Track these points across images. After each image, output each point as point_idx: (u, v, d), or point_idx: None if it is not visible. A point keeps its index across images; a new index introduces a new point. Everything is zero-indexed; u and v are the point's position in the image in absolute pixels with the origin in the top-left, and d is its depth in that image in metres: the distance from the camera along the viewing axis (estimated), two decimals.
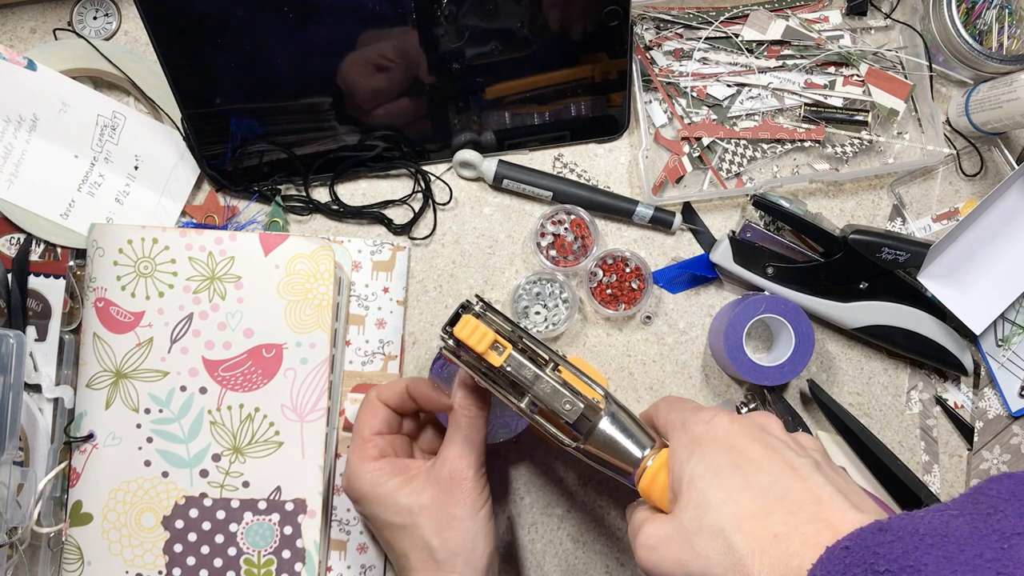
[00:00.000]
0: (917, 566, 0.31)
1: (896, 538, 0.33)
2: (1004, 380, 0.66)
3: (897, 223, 0.69)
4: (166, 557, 0.59)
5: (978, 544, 0.32)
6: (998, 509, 0.34)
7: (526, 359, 0.47)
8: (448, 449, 0.52)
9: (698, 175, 0.68)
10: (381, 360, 0.64)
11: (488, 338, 0.47)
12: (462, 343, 0.47)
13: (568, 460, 0.65)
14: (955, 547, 0.32)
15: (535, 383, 0.47)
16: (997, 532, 0.32)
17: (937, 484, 0.67)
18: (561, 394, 0.47)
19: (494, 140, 0.66)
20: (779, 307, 0.62)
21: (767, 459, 0.41)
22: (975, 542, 0.32)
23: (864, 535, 0.34)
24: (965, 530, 0.33)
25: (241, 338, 0.60)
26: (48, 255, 0.63)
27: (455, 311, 0.48)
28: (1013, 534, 0.32)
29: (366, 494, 0.53)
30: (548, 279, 0.65)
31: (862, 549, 0.33)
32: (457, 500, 0.51)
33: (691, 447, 0.44)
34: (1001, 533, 0.32)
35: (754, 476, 0.40)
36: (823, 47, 0.68)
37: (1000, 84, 0.65)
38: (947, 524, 0.33)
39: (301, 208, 0.66)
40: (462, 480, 0.51)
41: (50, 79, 0.63)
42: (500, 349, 0.47)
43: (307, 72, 0.60)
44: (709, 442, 0.44)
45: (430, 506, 0.51)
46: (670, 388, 0.67)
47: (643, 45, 0.68)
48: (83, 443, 0.59)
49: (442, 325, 0.48)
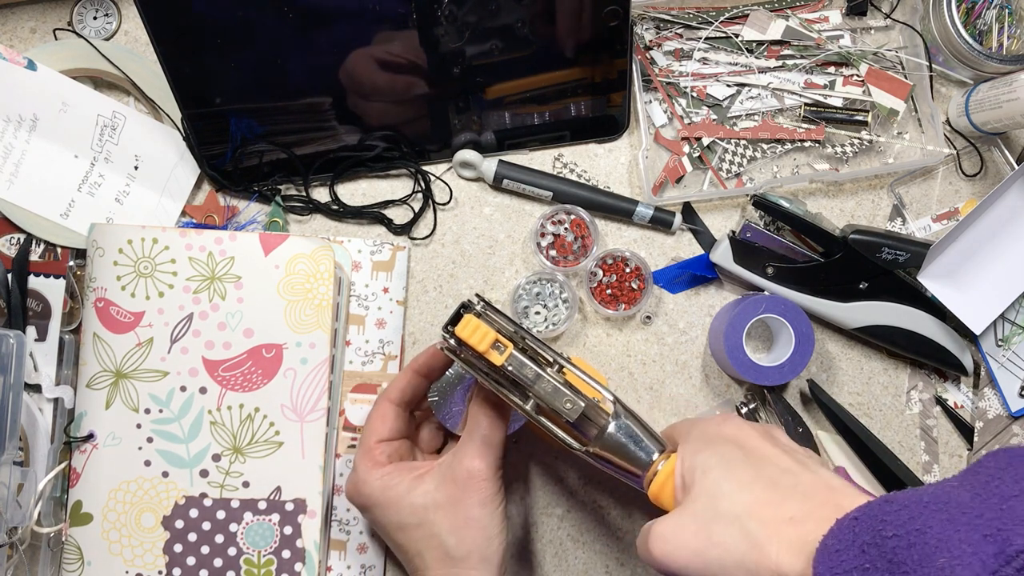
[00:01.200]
0: (923, 529, 0.33)
1: (902, 507, 0.35)
2: (1004, 380, 0.66)
3: (897, 223, 0.69)
4: (166, 557, 0.59)
5: (979, 507, 0.34)
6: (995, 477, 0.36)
7: (527, 358, 0.47)
8: (466, 448, 0.51)
9: (698, 175, 0.68)
10: (381, 360, 0.64)
11: (489, 337, 0.46)
12: (463, 342, 0.47)
13: (568, 460, 0.65)
14: (957, 511, 0.34)
15: (536, 382, 0.47)
16: (996, 495, 0.34)
17: None
18: (562, 393, 0.46)
19: (494, 140, 0.66)
20: (779, 307, 0.62)
21: (776, 455, 0.43)
22: (976, 505, 0.34)
23: (872, 507, 0.36)
24: (966, 496, 0.35)
25: (241, 338, 0.60)
26: (48, 255, 0.63)
27: (456, 310, 0.48)
28: (1010, 496, 0.34)
29: (377, 499, 0.52)
30: (548, 279, 0.65)
31: (870, 519, 0.35)
32: (474, 499, 0.50)
33: (702, 442, 0.45)
34: (1000, 496, 0.34)
35: (764, 469, 0.42)
36: (823, 47, 0.68)
37: (1000, 84, 0.65)
38: (949, 493, 0.35)
39: (301, 208, 0.66)
40: (480, 480, 0.50)
41: (50, 79, 0.63)
42: (501, 348, 0.47)
43: (307, 72, 0.60)
44: (720, 438, 0.45)
45: (445, 504, 0.50)
46: (670, 388, 0.67)
47: (643, 45, 0.68)
48: (83, 443, 0.59)
49: (443, 324, 0.48)
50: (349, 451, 0.63)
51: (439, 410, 0.57)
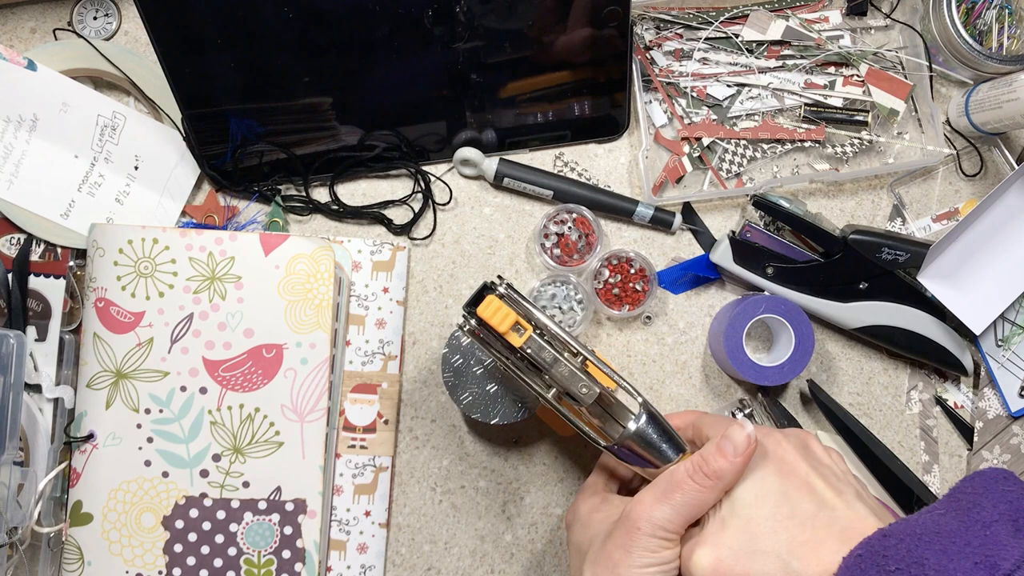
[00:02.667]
0: (921, 560, 0.37)
1: (899, 540, 0.38)
2: (1004, 380, 0.66)
3: (897, 223, 0.69)
4: (166, 557, 0.59)
5: (966, 534, 0.37)
6: (976, 504, 0.39)
7: (545, 342, 0.47)
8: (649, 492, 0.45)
9: (698, 175, 0.68)
10: (381, 360, 0.64)
11: (510, 319, 0.47)
12: (484, 322, 0.47)
13: (568, 460, 0.65)
14: (948, 540, 0.37)
15: (553, 366, 0.47)
16: (979, 522, 0.38)
17: (937, 484, 0.67)
18: (578, 377, 0.47)
19: (495, 139, 0.66)
20: (779, 307, 0.62)
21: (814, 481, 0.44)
22: (963, 532, 0.37)
23: (872, 542, 0.39)
24: (953, 525, 0.38)
25: (241, 338, 0.60)
26: (48, 255, 0.63)
27: (478, 290, 0.48)
28: (991, 521, 0.38)
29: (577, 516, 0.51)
30: (563, 281, 0.64)
31: (873, 555, 0.38)
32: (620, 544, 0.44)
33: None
34: (982, 522, 0.38)
35: (801, 504, 0.43)
36: (823, 47, 0.68)
37: (1000, 84, 0.65)
38: (938, 522, 0.39)
39: (301, 208, 0.66)
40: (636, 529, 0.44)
41: (50, 79, 0.63)
42: (521, 330, 0.47)
43: (307, 72, 0.60)
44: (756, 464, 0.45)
45: (599, 536, 0.47)
46: (670, 388, 0.67)
47: (643, 45, 0.68)
48: (83, 443, 0.59)
49: (464, 304, 0.48)
50: (349, 451, 0.63)
51: (454, 392, 0.57)
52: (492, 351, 0.49)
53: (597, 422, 0.49)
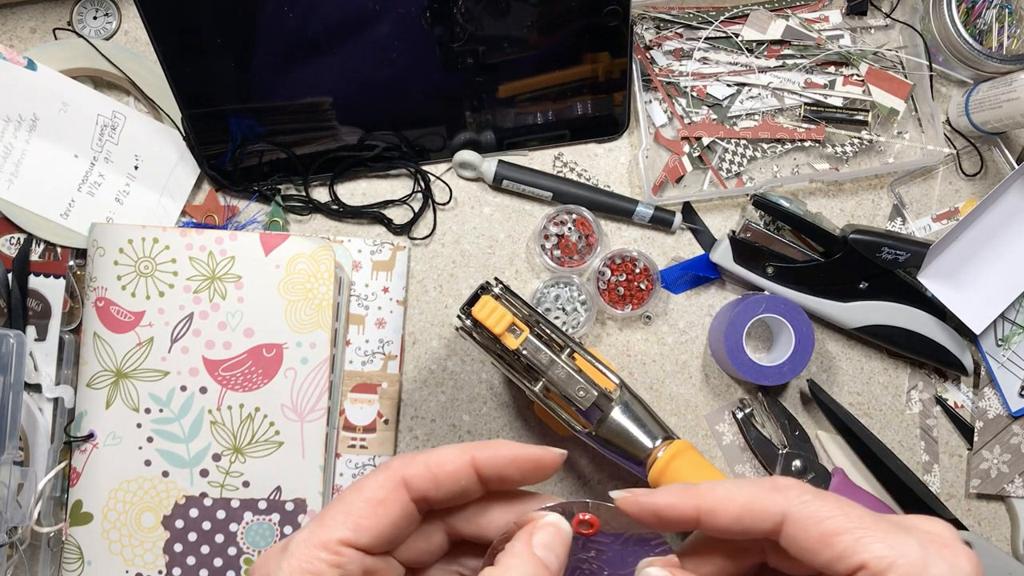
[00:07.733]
0: None
1: None
2: (1004, 380, 0.66)
3: (897, 223, 0.69)
4: (166, 557, 0.59)
5: None
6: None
7: (542, 344, 0.47)
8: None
9: (698, 175, 0.68)
10: (381, 360, 0.64)
11: (506, 320, 0.47)
12: (479, 323, 0.47)
13: (568, 460, 0.65)
14: None
15: (550, 368, 0.47)
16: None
17: (937, 484, 0.67)
18: (575, 380, 0.47)
19: (494, 140, 0.66)
20: (779, 307, 0.62)
21: None
22: None
23: None
24: None
25: (241, 338, 0.60)
26: (48, 255, 0.63)
27: (474, 291, 0.48)
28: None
29: None
30: (566, 282, 0.64)
31: None
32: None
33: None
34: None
35: None
36: (823, 47, 0.68)
37: (1000, 84, 0.65)
38: None
39: (301, 208, 0.66)
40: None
41: (50, 79, 0.63)
42: (517, 332, 0.47)
43: (308, 72, 0.60)
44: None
45: None
46: (670, 388, 0.67)
47: (643, 45, 0.68)
48: (83, 443, 0.59)
49: (460, 305, 0.48)
50: (349, 451, 0.63)
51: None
52: (488, 352, 0.49)
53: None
